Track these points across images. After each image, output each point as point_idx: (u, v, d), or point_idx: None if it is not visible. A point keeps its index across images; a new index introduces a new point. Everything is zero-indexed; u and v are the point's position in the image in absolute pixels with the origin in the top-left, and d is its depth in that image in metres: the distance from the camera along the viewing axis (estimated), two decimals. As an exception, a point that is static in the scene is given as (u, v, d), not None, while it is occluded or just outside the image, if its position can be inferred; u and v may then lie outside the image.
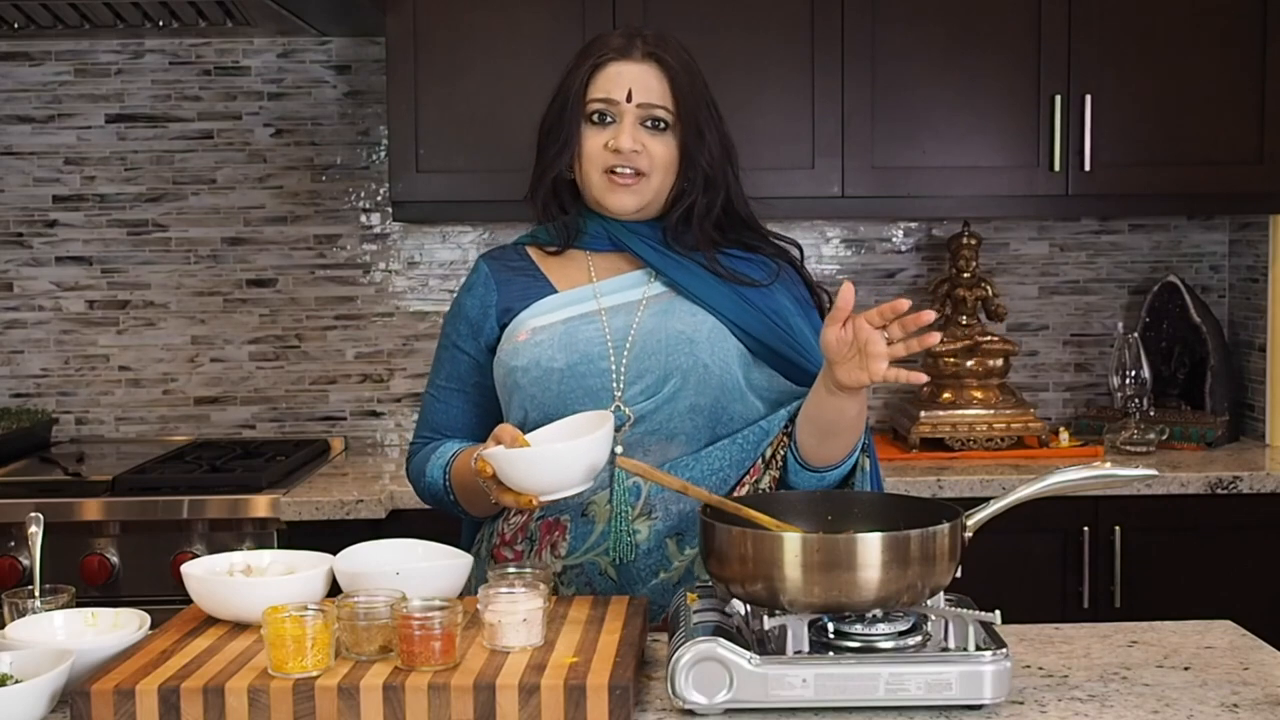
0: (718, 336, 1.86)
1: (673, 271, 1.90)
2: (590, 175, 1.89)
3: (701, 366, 1.84)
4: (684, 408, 1.84)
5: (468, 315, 1.96)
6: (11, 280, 3.53)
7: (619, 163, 1.86)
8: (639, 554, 1.83)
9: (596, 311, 1.89)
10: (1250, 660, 1.62)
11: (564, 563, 1.85)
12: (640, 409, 1.84)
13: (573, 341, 1.85)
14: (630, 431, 1.84)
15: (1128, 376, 3.25)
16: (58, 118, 3.50)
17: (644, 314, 1.89)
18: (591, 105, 1.87)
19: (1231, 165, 3.19)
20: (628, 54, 1.88)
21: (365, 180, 3.52)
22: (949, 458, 3.17)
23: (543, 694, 1.38)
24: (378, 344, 3.55)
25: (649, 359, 1.85)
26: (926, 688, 1.42)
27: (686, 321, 1.87)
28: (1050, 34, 3.14)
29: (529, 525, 1.88)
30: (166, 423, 3.54)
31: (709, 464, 1.85)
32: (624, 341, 1.86)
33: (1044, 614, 2.20)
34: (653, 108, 1.87)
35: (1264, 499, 2.97)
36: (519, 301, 1.92)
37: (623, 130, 1.86)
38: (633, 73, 1.87)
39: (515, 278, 1.95)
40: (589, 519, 1.84)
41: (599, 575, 1.84)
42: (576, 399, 1.84)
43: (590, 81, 1.88)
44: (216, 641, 1.55)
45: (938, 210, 3.27)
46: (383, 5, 3.11)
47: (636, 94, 1.86)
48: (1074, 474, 1.57)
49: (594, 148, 1.88)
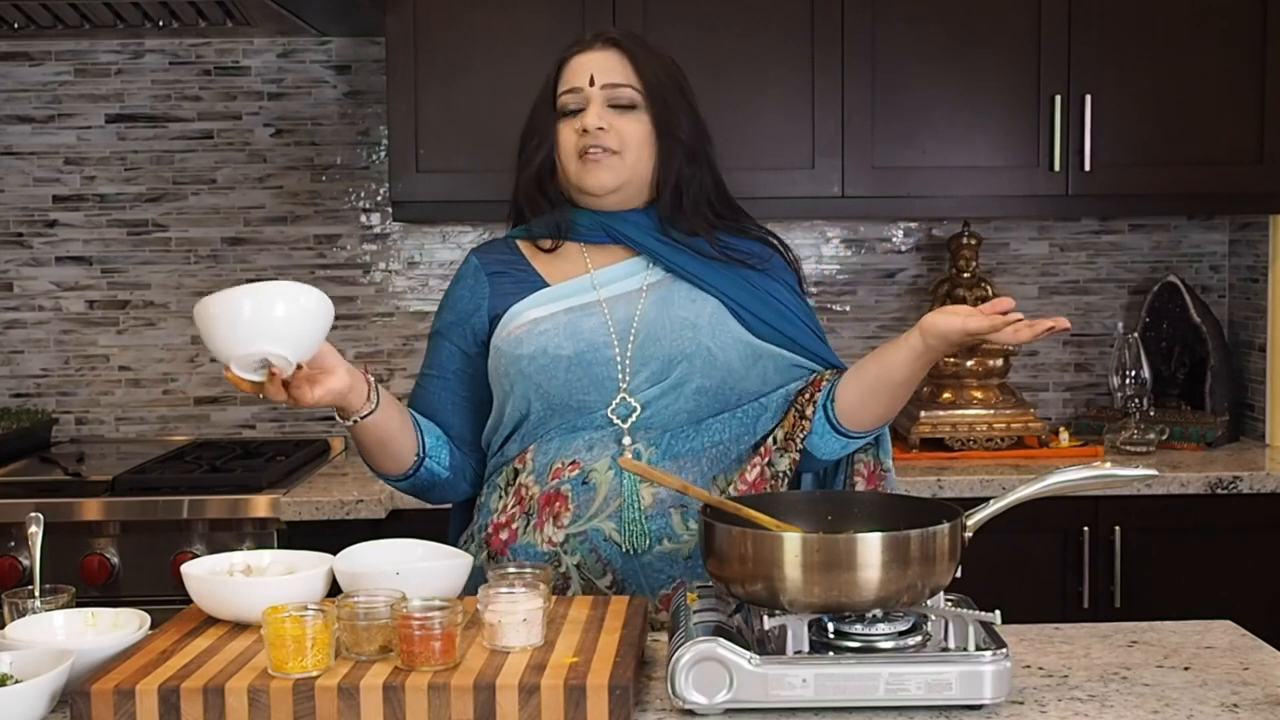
0: (720, 319, 1.88)
1: (672, 257, 1.91)
2: (567, 165, 1.92)
3: (705, 350, 1.86)
4: (690, 390, 1.86)
5: (455, 305, 1.97)
6: (11, 280, 3.53)
7: (589, 143, 1.89)
8: (643, 520, 1.83)
9: (597, 302, 1.90)
10: (1250, 660, 1.62)
11: (567, 531, 1.85)
12: (646, 396, 1.85)
13: (577, 331, 1.86)
14: (637, 419, 1.85)
15: (1128, 376, 3.25)
16: (58, 118, 3.50)
17: (645, 302, 1.90)
18: (561, 99, 1.92)
19: (1231, 165, 3.19)
20: (589, 46, 1.94)
21: (365, 180, 3.52)
22: (949, 458, 3.17)
23: (543, 694, 1.38)
24: (378, 344, 3.55)
25: (653, 346, 1.86)
26: (926, 688, 1.42)
27: (688, 307, 1.89)
28: (1050, 34, 3.14)
29: (527, 505, 1.88)
30: (166, 423, 3.54)
31: (708, 436, 1.87)
32: (628, 331, 1.87)
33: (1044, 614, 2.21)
34: (617, 87, 1.91)
35: (1264, 499, 2.97)
36: (511, 296, 1.93)
37: (589, 112, 1.89)
38: (594, 59, 1.92)
39: (506, 271, 1.96)
40: (590, 485, 1.85)
41: (604, 541, 1.84)
42: (583, 388, 1.84)
43: (558, 80, 1.93)
44: (216, 641, 1.55)
45: (938, 210, 3.27)
46: (383, 5, 3.11)
47: (598, 77, 1.90)
48: (1074, 474, 1.57)
49: (567, 137, 1.92)
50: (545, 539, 1.85)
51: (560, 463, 1.87)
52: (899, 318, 3.55)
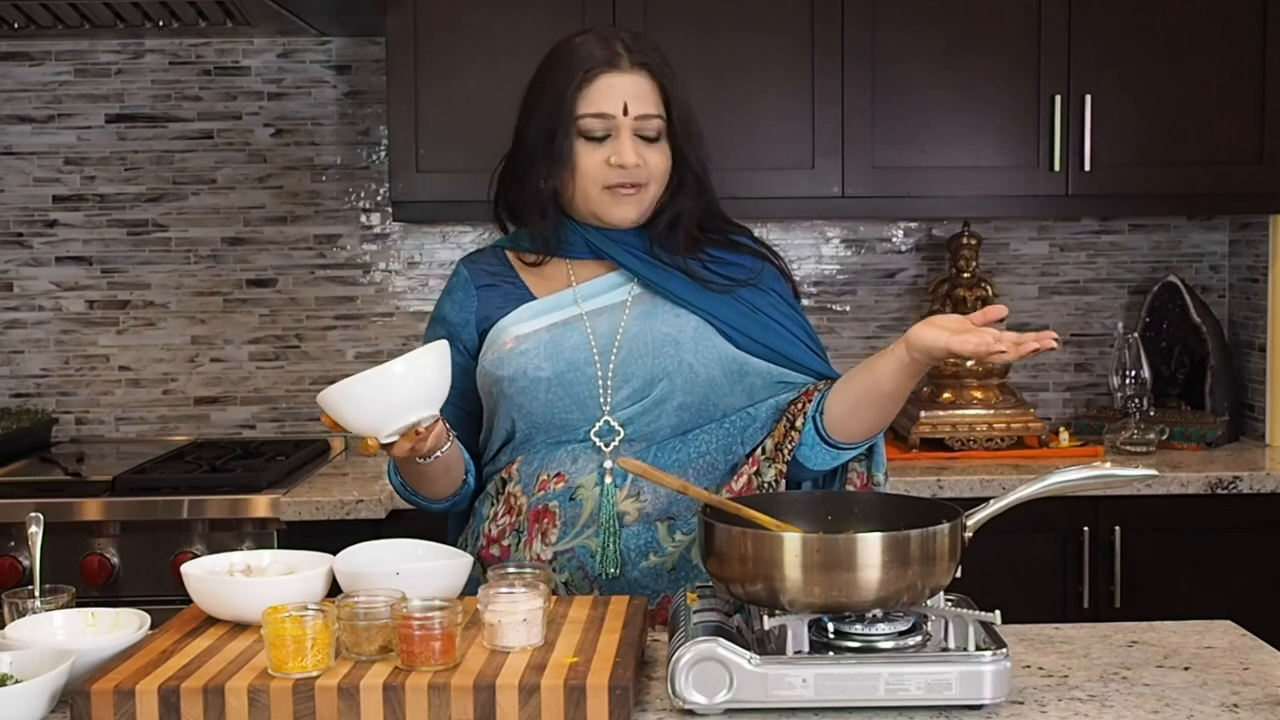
0: (703, 336, 1.87)
1: (658, 278, 1.89)
2: (588, 191, 1.86)
3: (687, 368, 1.85)
4: (672, 408, 1.85)
5: (446, 319, 1.96)
6: (11, 280, 3.53)
7: (623, 179, 1.85)
8: (626, 535, 1.83)
9: (579, 316, 1.89)
10: (1250, 660, 1.62)
11: (554, 549, 1.85)
12: (628, 414, 1.85)
13: (558, 349, 1.85)
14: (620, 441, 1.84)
15: (1128, 376, 3.25)
16: (58, 118, 3.50)
17: (629, 317, 1.88)
18: (585, 121, 1.84)
19: (1231, 165, 3.19)
20: (616, 64, 1.85)
21: (365, 180, 3.52)
22: (949, 458, 3.17)
23: (543, 694, 1.38)
24: (378, 344, 3.55)
25: (635, 363, 1.85)
26: (926, 688, 1.42)
27: (671, 323, 1.87)
28: (1050, 34, 3.14)
29: (517, 521, 1.88)
30: (166, 423, 3.54)
31: (695, 447, 1.86)
32: (610, 346, 1.86)
33: (1044, 614, 2.21)
34: (649, 118, 1.85)
35: (1264, 499, 2.97)
36: (498, 310, 1.92)
37: (623, 145, 1.84)
38: (626, 84, 1.85)
39: (495, 284, 1.95)
40: (577, 502, 1.85)
41: (590, 558, 1.84)
42: (564, 407, 1.84)
43: (579, 95, 1.85)
44: (216, 641, 1.55)
45: (938, 210, 3.27)
46: (383, 5, 3.11)
47: (632, 107, 1.84)
48: (1074, 474, 1.57)
49: (593, 164, 1.85)
50: (534, 556, 1.85)
51: (545, 474, 1.87)
52: (899, 318, 3.55)
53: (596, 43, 1.88)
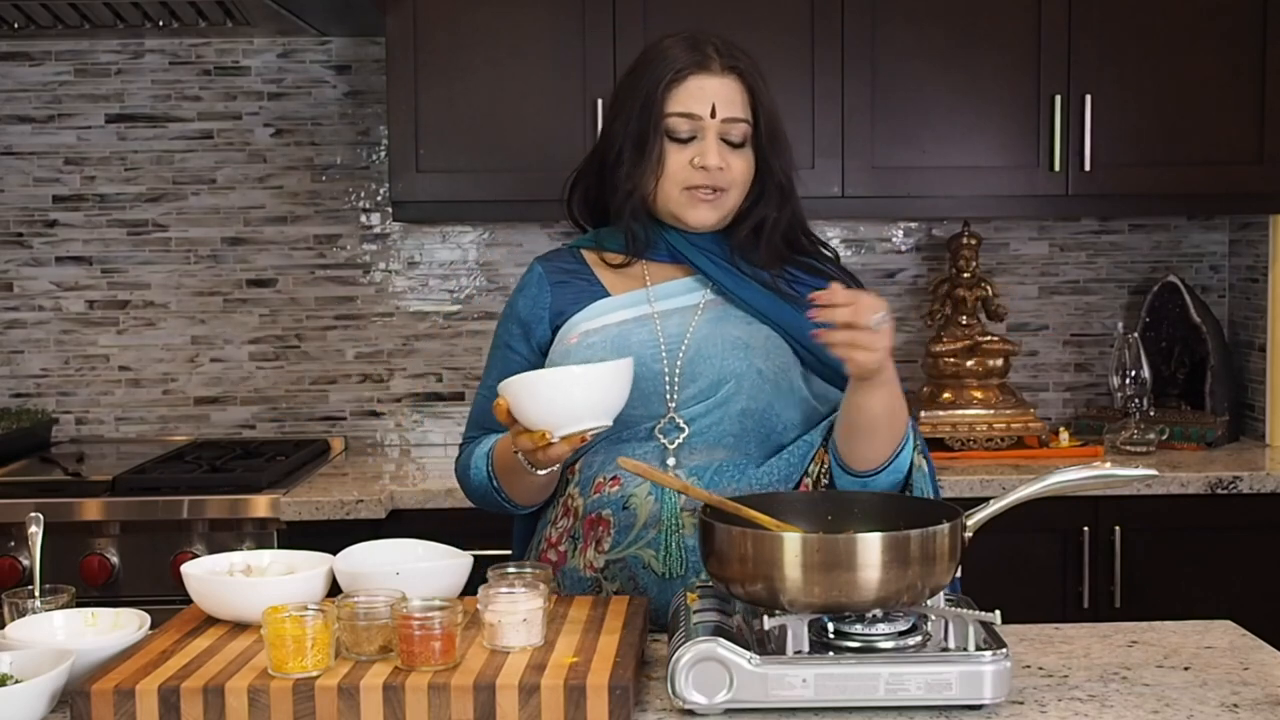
0: (774, 345, 1.86)
1: (733, 285, 1.88)
2: (670, 191, 1.86)
3: (756, 372, 1.83)
4: (736, 411, 1.83)
5: (520, 315, 1.95)
6: (11, 280, 3.53)
7: (705, 181, 1.84)
8: (686, 550, 1.81)
9: (650, 315, 1.88)
10: (1250, 660, 1.62)
11: (607, 558, 1.83)
12: (693, 412, 1.83)
13: (625, 344, 1.84)
14: (684, 441, 1.83)
15: (1128, 376, 3.25)
16: (58, 118, 3.50)
17: (700, 319, 1.88)
18: (673, 120, 1.83)
19: (1231, 165, 3.19)
20: (706, 67, 1.85)
21: (365, 180, 3.52)
22: (949, 458, 3.17)
23: (543, 694, 1.38)
24: (378, 344, 3.55)
25: (704, 363, 1.84)
26: (926, 688, 1.43)
27: (743, 329, 1.86)
28: (1050, 34, 3.14)
29: (573, 525, 1.87)
30: (166, 423, 3.54)
31: (759, 483, 1.83)
32: (678, 345, 1.85)
33: (1044, 614, 2.21)
34: (735, 122, 1.84)
35: (1264, 499, 2.97)
36: (572, 305, 1.91)
37: (708, 148, 1.83)
38: (714, 87, 1.84)
39: (570, 280, 1.94)
40: (631, 511, 1.83)
41: (642, 569, 1.82)
42: (629, 403, 1.82)
43: (668, 95, 1.84)
44: (216, 641, 1.55)
45: (938, 210, 3.27)
46: (383, 5, 3.11)
47: (720, 109, 1.83)
48: (1074, 474, 1.57)
49: (677, 165, 1.84)
50: (588, 564, 1.84)
51: (602, 477, 1.86)
52: (899, 318, 3.55)
53: (688, 44, 1.88)
